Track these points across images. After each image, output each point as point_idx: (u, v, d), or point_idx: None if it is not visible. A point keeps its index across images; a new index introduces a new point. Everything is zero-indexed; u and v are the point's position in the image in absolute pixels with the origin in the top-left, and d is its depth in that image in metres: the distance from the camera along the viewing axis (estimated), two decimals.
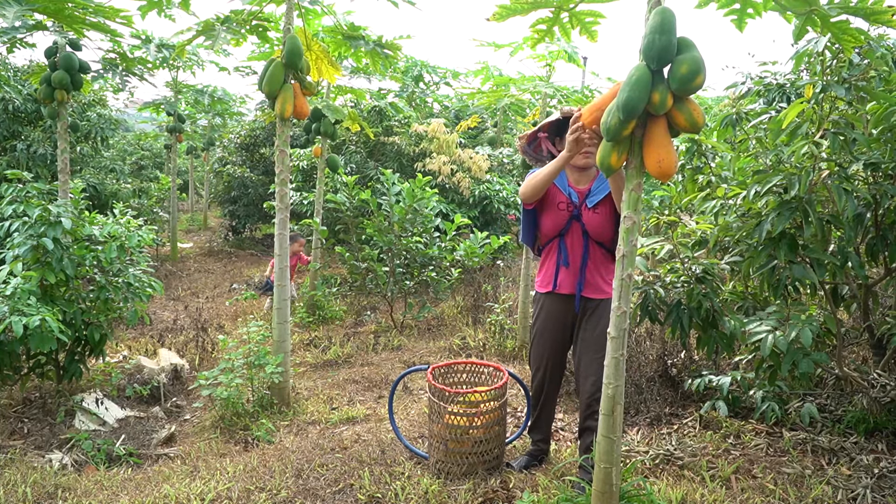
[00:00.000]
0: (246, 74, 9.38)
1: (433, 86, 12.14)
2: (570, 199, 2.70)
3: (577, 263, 2.71)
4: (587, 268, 2.70)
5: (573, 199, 2.70)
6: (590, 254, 2.69)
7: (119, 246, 3.88)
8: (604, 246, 2.69)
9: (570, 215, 2.69)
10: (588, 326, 2.71)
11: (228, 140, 11.58)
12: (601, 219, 2.65)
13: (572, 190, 2.73)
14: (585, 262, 2.69)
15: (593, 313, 2.70)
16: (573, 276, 2.72)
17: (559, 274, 2.75)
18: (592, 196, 2.68)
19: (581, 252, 2.69)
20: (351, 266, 6.07)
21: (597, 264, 2.70)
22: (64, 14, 3.87)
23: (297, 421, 3.78)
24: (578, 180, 2.74)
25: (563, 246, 2.72)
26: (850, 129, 2.69)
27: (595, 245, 2.69)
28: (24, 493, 2.77)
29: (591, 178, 2.73)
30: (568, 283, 2.73)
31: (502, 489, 2.77)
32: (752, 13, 1.99)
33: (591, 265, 2.70)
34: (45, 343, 3.17)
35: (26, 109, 7.45)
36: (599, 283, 2.70)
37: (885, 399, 3.13)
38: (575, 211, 2.68)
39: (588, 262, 2.69)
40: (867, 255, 2.98)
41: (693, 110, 2.00)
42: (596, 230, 2.65)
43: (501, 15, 2.20)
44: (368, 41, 4.22)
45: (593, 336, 2.67)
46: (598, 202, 2.66)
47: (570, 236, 2.70)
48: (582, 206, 2.68)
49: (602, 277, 2.70)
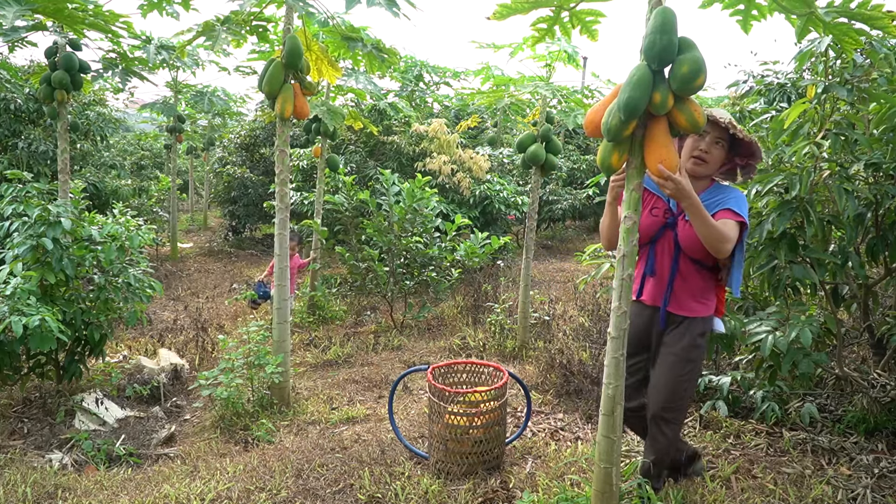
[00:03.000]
0: (246, 74, 9.38)
1: (433, 86, 12.14)
2: (668, 206, 2.46)
3: (664, 275, 2.48)
4: (675, 281, 2.46)
5: (671, 207, 2.46)
6: (679, 267, 2.44)
7: (119, 246, 3.88)
8: (698, 262, 2.43)
9: (665, 223, 2.46)
10: (667, 341, 2.49)
11: (228, 140, 11.58)
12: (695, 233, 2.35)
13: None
14: (674, 274, 2.45)
15: (675, 330, 2.47)
16: (659, 287, 2.49)
17: (645, 282, 2.55)
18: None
19: (670, 263, 2.46)
20: (351, 266, 6.07)
21: (686, 279, 2.44)
22: (64, 14, 3.87)
23: (297, 421, 3.78)
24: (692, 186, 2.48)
25: (651, 253, 2.51)
26: (852, 130, 2.69)
27: (687, 259, 2.44)
28: (24, 493, 2.77)
29: (700, 189, 2.42)
30: (652, 294, 2.52)
31: (502, 489, 2.77)
32: (756, 15, 1.99)
33: (679, 279, 2.45)
34: (44, 343, 3.17)
35: (28, 109, 7.46)
36: (687, 299, 2.45)
37: (885, 399, 3.13)
38: (671, 219, 2.45)
39: (677, 275, 2.45)
40: (867, 255, 2.98)
41: (694, 110, 2.00)
42: (689, 243, 2.39)
43: (502, 14, 2.20)
44: (367, 43, 4.22)
45: (669, 353, 2.47)
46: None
47: (660, 244, 2.48)
48: (680, 215, 2.43)
49: (691, 294, 2.44)
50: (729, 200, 2.37)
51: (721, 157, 2.39)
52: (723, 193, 2.41)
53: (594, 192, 9.83)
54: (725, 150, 2.39)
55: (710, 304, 2.46)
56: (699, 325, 2.43)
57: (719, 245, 2.23)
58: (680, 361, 2.42)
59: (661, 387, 2.46)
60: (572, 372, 4.02)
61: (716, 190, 2.44)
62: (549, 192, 10.80)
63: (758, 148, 2.36)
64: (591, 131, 2.22)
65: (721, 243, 2.23)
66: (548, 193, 10.78)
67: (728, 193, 2.40)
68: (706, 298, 2.45)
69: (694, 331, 2.43)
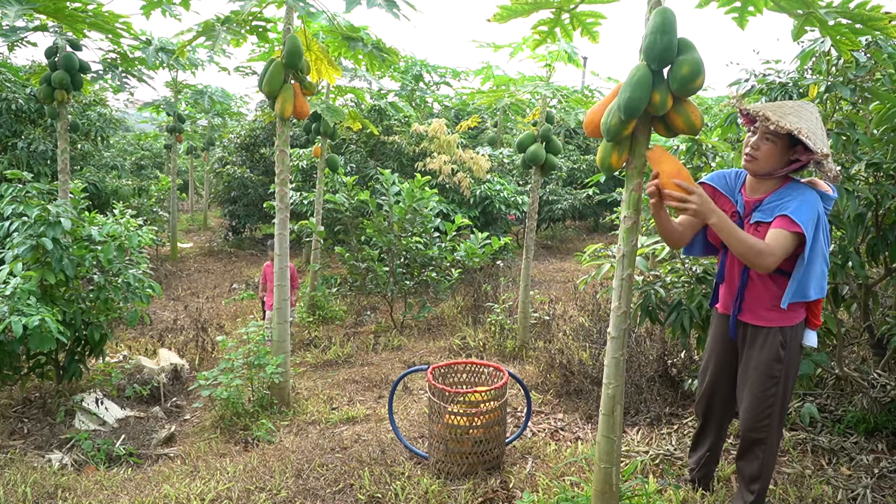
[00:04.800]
0: (246, 74, 9.39)
1: (433, 85, 12.14)
2: (736, 209, 2.31)
3: (734, 282, 2.34)
4: (747, 289, 2.30)
5: (739, 209, 2.30)
6: (750, 274, 2.28)
7: (118, 246, 3.88)
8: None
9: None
10: (749, 354, 2.32)
11: (228, 140, 11.59)
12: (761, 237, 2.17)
13: (741, 198, 2.31)
14: (745, 282, 2.29)
15: (754, 342, 2.30)
16: (730, 295, 2.37)
17: (719, 289, 2.46)
18: (759, 211, 2.23)
19: (739, 270, 2.30)
20: (351, 266, 6.07)
21: (759, 287, 2.27)
22: (64, 14, 3.87)
23: (297, 421, 3.78)
24: (755, 189, 2.27)
25: (723, 259, 2.39)
26: (853, 130, 2.69)
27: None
28: (24, 493, 2.77)
29: (768, 189, 2.23)
30: (725, 302, 2.41)
31: (502, 489, 2.77)
32: (752, 11, 1.98)
33: (750, 286, 2.29)
34: (44, 343, 3.17)
35: (28, 109, 7.47)
36: (759, 308, 2.27)
37: (885, 399, 3.13)
38: (737, 222, 2.27)
39: (748, 283, 2.29)
40: (867, 255, 2.98)
41: (691, 112, 2.00)
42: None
43: (502, 16, 2.19)
44: (367, 43, 4.22)
45: (748, 368, 2.32)
46: (761, 220, 2.20)
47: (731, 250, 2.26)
48: (746, 218, 2.27)
49: (765, 302, 2.26)
50: (790, 204, 2.11)
51: (773, 152, 2.14)
52: (789, 195, 2.15)
53: (594, 192, 9.83)
54: (779, 145, 2.13)
55: (792, 314, 2.24)
56: (779, 336, 2.23)
57: (756, 261, 2.05)
58: (761, 377, 2.26)
59: (746, 407, 2.31)
60: (572, 372, 4.02)
61: (786, 190, 2.18)
62: (549, 192, 10.80)
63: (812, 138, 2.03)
64: (590, 131, 2.20)
65: (758, 258, 2.04)
66: (548, 193, 10.79)
67: (794, 195, 2.13)
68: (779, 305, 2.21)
69: (773, 343, 2.23)
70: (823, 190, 2.18)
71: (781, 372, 2.24)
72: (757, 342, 2.28)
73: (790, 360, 2.25)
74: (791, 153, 2.16)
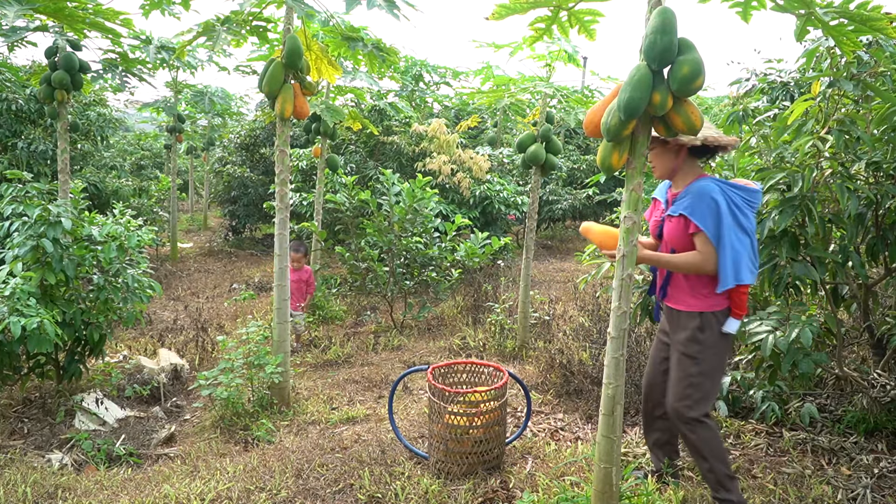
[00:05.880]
0: (246, 74, 9.38)
1: (433, 86, 12.14)
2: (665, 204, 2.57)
3: (662, 271, 2.56)
4: (670, 275, 2.50)
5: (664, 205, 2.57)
6: None
7: (118, 246, 3.88)
8: None
9: (661, 221, 2.54)
10: (674, 340, 2.50)
11: (228, 140, 11.59)
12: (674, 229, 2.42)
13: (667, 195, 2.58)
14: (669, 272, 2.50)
15: (677, 326, 2.48)
16: (659, 281, 2.59)
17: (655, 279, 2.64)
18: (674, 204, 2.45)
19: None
20: (351, 266, 6.07)
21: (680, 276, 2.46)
22: (64, 13, 3.87)
23: (297, 421, 3.78)
24: (675, 186, 2.52)
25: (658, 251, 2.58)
26: (855, 128, 2.69)
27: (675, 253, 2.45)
28: (24, 493, 2.77)
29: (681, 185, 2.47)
30: (657, 290, 2.62)
31: (502, 489, 2.77)
32: (756, 5, 1.98)
33: (674, 276, 2.48)
34: (42, 345, 3.17)
35: (28, 109, 7.47)
36: (680, 293, 2.46)
37: (885, 399, 3.13)
38: (663, 216, 2.53)
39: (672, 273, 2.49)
40: (867, 255, 2.98)
41: (691, 113, 2.00)
42: (670, 237, 2.45)
43: (500, 14, 2.20)
44: (367, 43, 4.22)
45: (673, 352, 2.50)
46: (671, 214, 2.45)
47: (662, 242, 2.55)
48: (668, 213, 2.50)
49: (685, 288, 2.44)
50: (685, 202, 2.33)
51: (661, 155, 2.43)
52: (687, 191, 2.37)
53: (594, 192, 9.83)
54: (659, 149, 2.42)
55: (710, 301, 2.39)
56: (695, 320, 2.39)
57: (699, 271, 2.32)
58: (680, 357, 2.42)
59: (669, 386, 2.49)
60: (572, 372, 4.02)
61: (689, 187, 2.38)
62: (549, 192, 10.80)
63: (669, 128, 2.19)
64: (591, 131, 2.21)
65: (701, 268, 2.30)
66: (548, 193, 10.78)
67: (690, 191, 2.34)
68: (702, 293, 2.39)
69: (689, 325, 2.40)
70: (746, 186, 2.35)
71: (700, 354, 2.38)
72: (679, 325, 2.46)
73: (709, 343, 2.39)
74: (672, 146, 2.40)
